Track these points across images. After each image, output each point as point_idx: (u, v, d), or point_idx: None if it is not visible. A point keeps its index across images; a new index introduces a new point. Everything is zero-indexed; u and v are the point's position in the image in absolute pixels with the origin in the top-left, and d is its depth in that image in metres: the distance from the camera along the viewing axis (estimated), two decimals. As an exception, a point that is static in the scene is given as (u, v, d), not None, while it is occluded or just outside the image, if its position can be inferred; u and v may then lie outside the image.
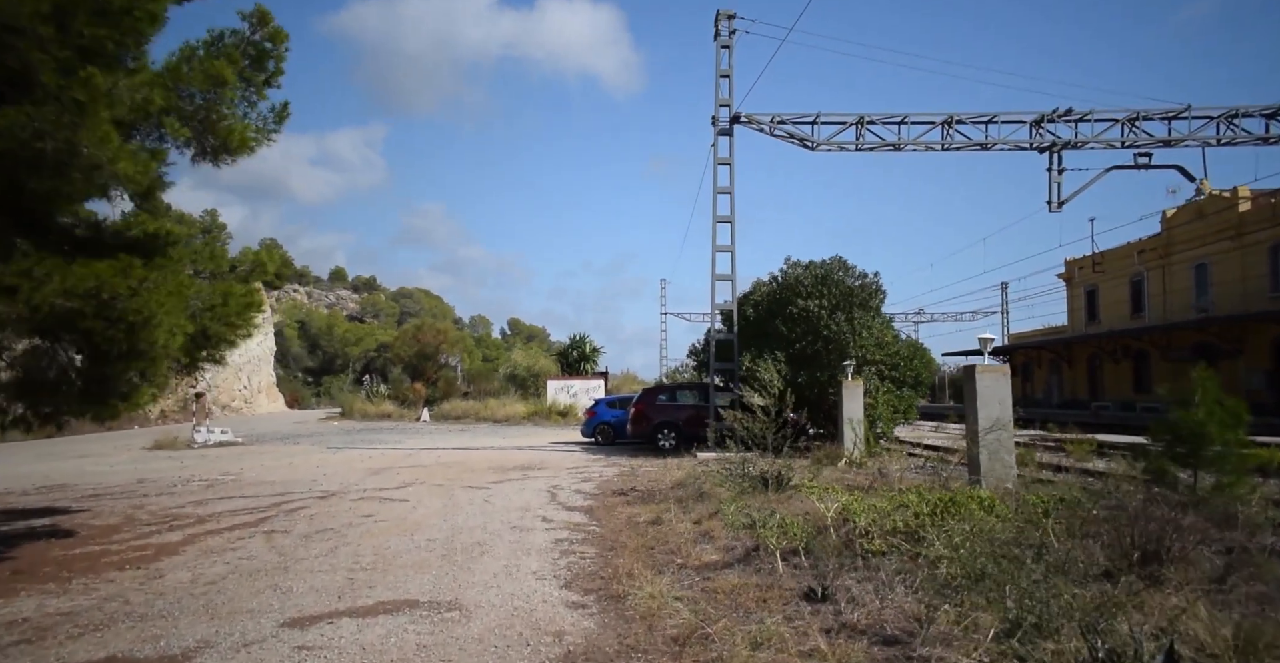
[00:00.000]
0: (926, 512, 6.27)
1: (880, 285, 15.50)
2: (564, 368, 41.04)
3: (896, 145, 17.22)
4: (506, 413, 34.95)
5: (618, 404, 21.51)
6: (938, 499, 6.39)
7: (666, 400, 18.73)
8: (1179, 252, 35.89)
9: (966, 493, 6.37)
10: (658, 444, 18.10)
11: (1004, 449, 8.78)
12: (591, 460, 16.36)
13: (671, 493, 10.19)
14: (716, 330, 17.60)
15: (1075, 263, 44.76)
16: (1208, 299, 33.97)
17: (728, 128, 17.57)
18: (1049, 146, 16.50)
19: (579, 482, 12.45)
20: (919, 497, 6.45)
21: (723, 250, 17.42)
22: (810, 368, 15.38)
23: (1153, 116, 16.05)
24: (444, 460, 16.44)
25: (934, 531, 6.00)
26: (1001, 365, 9.13)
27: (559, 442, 22.49)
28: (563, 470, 14.32)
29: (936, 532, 5.97)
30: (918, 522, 6.23)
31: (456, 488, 11.79)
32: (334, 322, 67.82)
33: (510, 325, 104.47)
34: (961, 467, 12.64)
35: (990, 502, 6.38)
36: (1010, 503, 6.79)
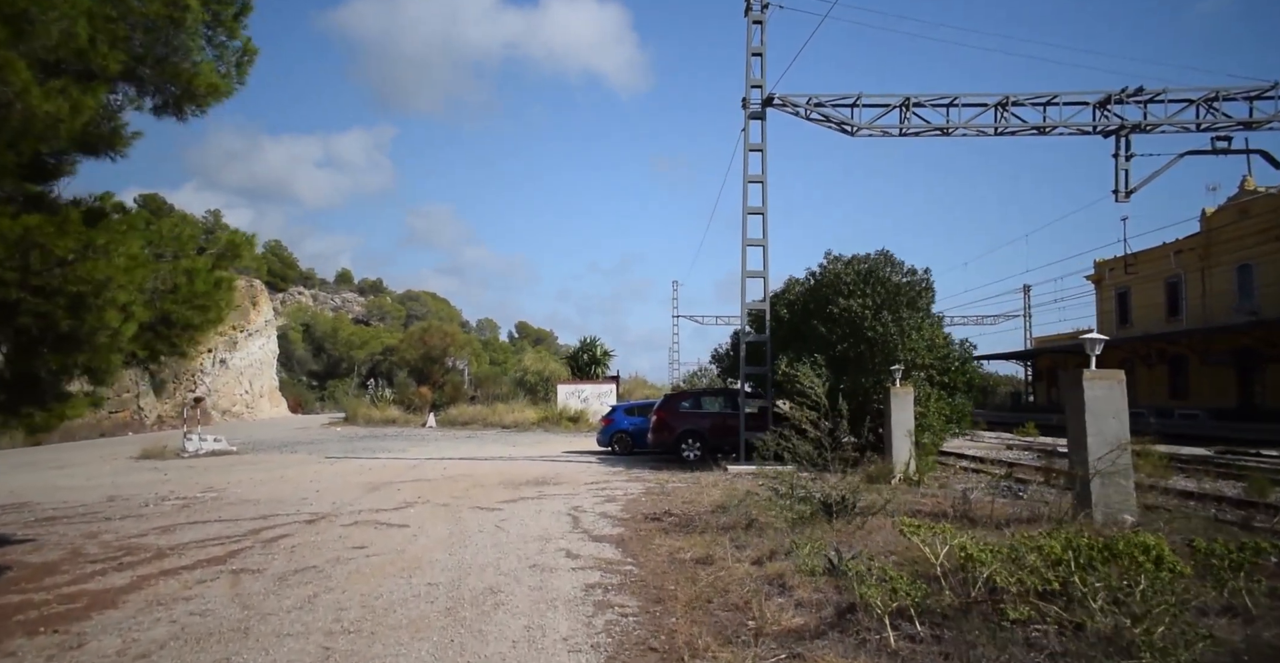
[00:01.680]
0: (1075, 561, 4.80)
1: (930, 282, 14.03)
2: (574, 372, 39.64)
3: (945, 129, 15.75)
4: (515, 419, 33.55)
5: (636, 411, 20.07)
6: (1087, 545, 4.91)
7: (691, 408, 17.28)
8: (1220, 252, 34.24)
9: (1127, 538, 4.89)
10: (681, 455, 16.65)
11: (1121, 473, 7.30)
12: (611, 474, 14.90)
13: (714, 520, 8.72)
14: (746, 332, 16.13)
15: (1105, 264, 43.13)
16: (1254, 302, 32.29)
17: (759, 111, 16.14)
18: (1115, 130, 15.00)
19: (602, 502, 11.00)
20: (1062, 540, 4.96)
21: (754, 244, 15.98)
22: (853, 373, 13.91)
23: (1234, 96, 14.54)
24: (450, 473, 15.02)
25: (1091, 588, 4.55)
26: (1116, 372, 7.65)
27: (573, 451, 21.04)
28: (581, 487, 12.88)
29: (1095, 591, 4.52)
30: (1062, 574, 4.76)
31: (464, 509, 10.36)
32: (339, 325, 66.63)
33: (518, 329, 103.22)
34: (1047, 488, 11.15)
35: (1158, 551, 4.88)
36: (1173, 549, 5.31)
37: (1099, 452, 7.32)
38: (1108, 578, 4.61)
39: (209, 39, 6.50)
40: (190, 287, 6.52)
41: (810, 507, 8.21)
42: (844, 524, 7.73)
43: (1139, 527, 6.70)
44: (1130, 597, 4.33)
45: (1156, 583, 4.47)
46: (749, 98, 16.08)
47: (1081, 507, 7.38)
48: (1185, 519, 7.25)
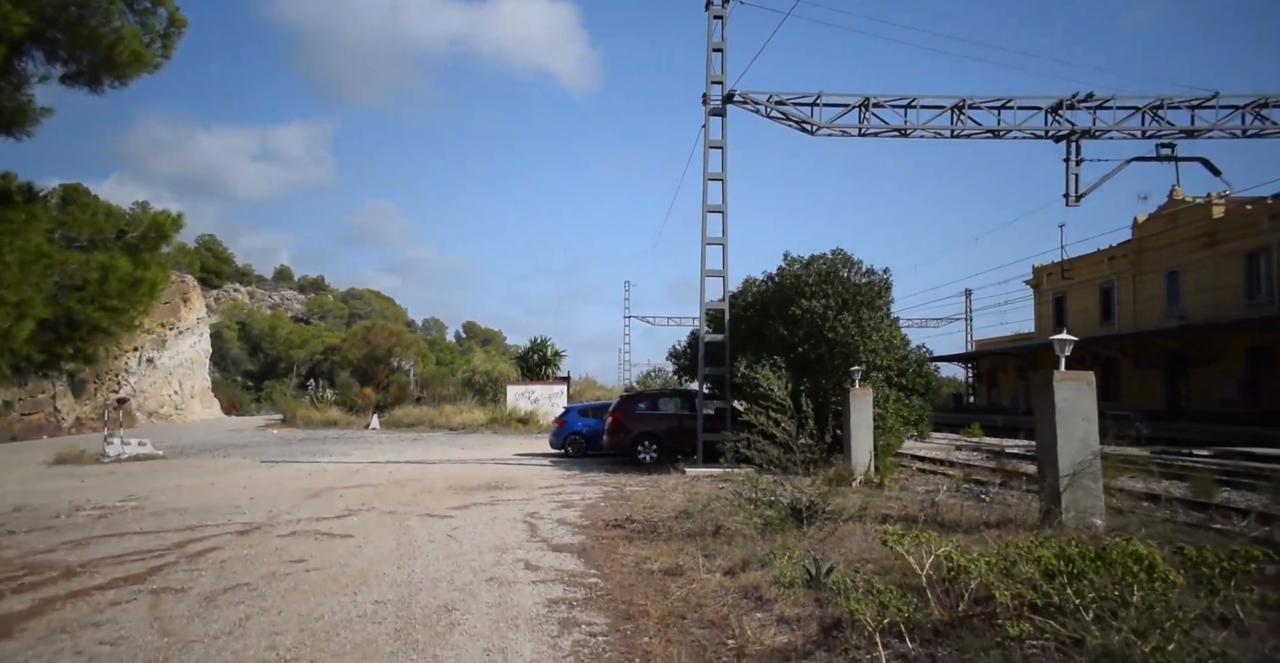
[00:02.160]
0: (1069, 572, 4.58)
1: (889, 282, 13.99)
2: (524, 373, 38.88)
3: (903, 130, 15.78)
4: (464, 420, 32.69)
5: (591, 412, 19.62)
6: (1080, 554, 4.70)
7: (647, 409, 16.92)
8: (1151, 259, 35.62)
9: (1119, 547, 4.70)
10: (637, 458, 16.27)
11: (1090, 476, 7.21)
12: (566, 478, 14.43)
13: (678, 526, 8.37)
14: (705, 332, 15.84)
15: (1043, 270, 44.50)
16: (1180, 307, 33.66)
17: (720, 107, 15.90)
18: (1066, 135, 15.25)
19: (559, 507, 10.54)
20: (1054, 549, 4.74)
21: (714, 243, 15.73)
22: (814, 375, 13.76)
23: (1177, 105, 14.93)
24: (397, 478, 14.33)
25: (1085, 600, 4.34)
26: (1085, 373, 7.57)
27: (524, 454, 20.47)
28: (536, 491, 12.38)
29: (1089, 603, 4.32)
30: (1056, 586, 4.54)
31: (412, 517, 9.77)
32: (278, 323, 64.16)
33: (466, 329, 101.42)
34: (1008, 490, 11.13)
35: (1150, 560, 4.70)
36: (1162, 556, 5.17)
37: (1069, 454, 7.23)
38: (1102, 589, 4.41)
39: (130, 4, 5.84)
40: (102, 285, 5.84)
41: (778, 512, 7.93)
42: (814, 530, 7.46)
43: (1114, 532, 6.60)
44: (1126, 609, 4.13)
45: (1150, 594, 4.29)
46: (709, 94, 15.83)
47: (1050, 510, 7.26)
48: (1151, 523, 7.20)
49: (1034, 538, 5.82)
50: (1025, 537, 6.53)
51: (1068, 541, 5.05)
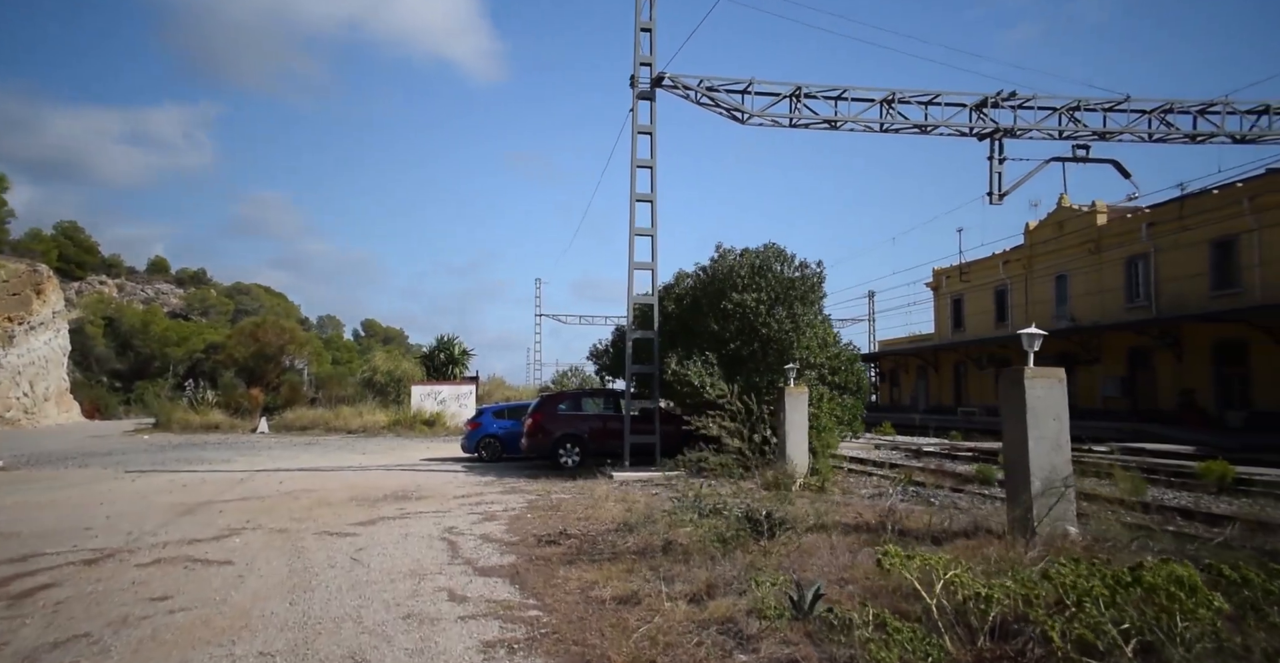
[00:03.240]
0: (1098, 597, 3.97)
1: (822, 276, 13.57)
2: (430, 372, 36.95)
3: (833, 123, 15.47)
4: (363, 423, 30.58)
5: (507, 414, 18.40)
6: (1112, 577, 4.10)
7: (569, 410, 15.90)
8: (1041, 263, 37.47)
9: (1155, 570, 4.13)
10: (559, 462, 15.24)
11: (1059, 479, 6.79)
12: (484, 485, 13.24)
13: (622, 541, 7.46)
14: (632, 327, 14.98)
15: (942, 272, 46.27)
16: (1068, 309, 35.54)
17: (649, 91, 15.10)
18: (990, 133, 15.36)
19: (481, 520, 9.41)
20: (1078, 571, 4.12)
21: (642, 234, 14.90)
22: (747, 372, 13.17)
23: (1093, 107, 15.30)
24: (289, 488, 12.74)
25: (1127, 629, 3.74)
26: (1056, 369, 7.19)
27: (433, 458, 19.01)
28: (452, 501, 11.17)
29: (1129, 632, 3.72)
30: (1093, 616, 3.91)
31: (308, 536, 8.43)
32: (151, 319, 58.74)
33: (365, 327, 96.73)
34: (959, 495, 10.82)
35: (1191, 582, 4.14)
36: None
37: (1041, 457, 6.79)
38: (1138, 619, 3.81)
39: None
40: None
41: (732, 523, 7.14)
42: (776, 544, 6.72)
43: (1101, 543, 6.16)
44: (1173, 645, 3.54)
45: (1197, 623, 3.73)
46: (638, 76, 15.01)
47: (1022, 518, 6.79)
48: (1125, 531, 6.87)
49: (1015, 552, 5.29)
50: (998, 549, 6.02)
51: (1071, 557, 4.48)
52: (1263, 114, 15.23)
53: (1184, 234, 28.68)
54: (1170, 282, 30.02)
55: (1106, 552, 5.54)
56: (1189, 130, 15.40)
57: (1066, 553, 5.65)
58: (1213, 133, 15.36)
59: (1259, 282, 26.51)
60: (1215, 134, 15.37)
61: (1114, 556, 5.48)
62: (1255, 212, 26.44)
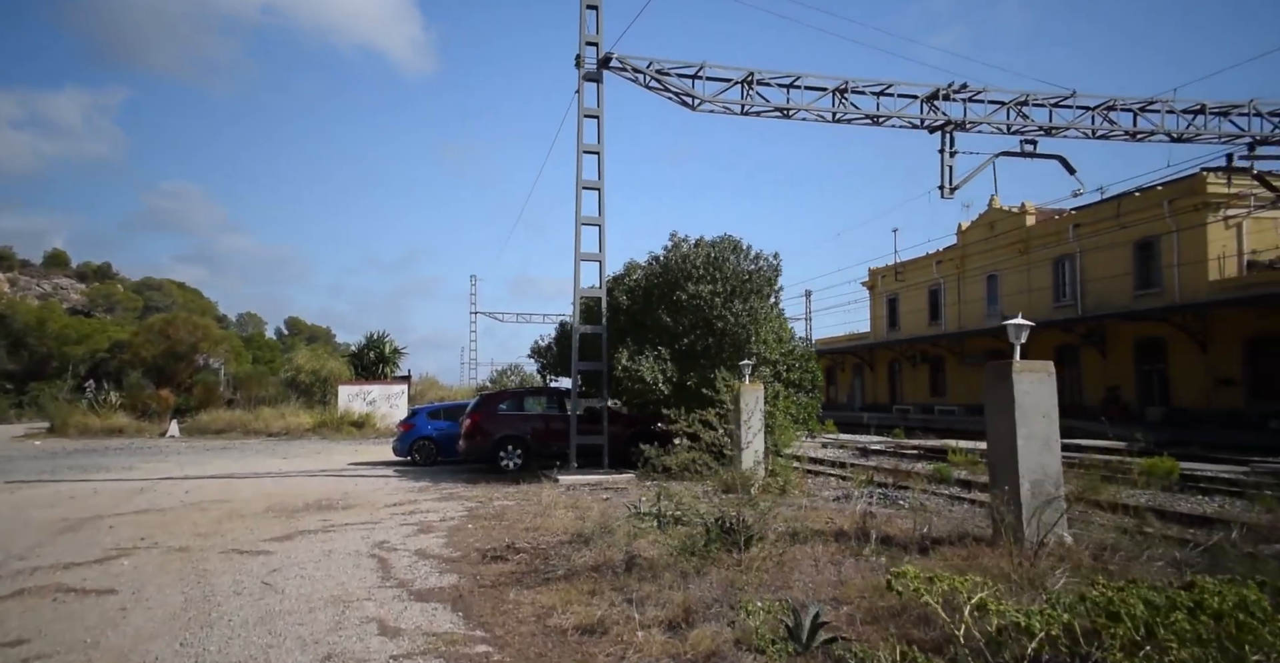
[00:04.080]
0: (1179, 630, 3.40)
1: (779, 268, 13.05)
2: (358, 371, 35.17)
3: (786, 111, 15.01)
4: (286, 425, 28.77)
5: (443, 414, 17.30)
6: (1167, 600, 3.54)
7: (510, 410, 14.96)
8: (973, 263, 38.31)
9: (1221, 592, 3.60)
10: (500, 465, 14.29)
11: (1050, 481, 6.35)
12: (418, 491, 12.21)
13: (577, 556, 6.66)
14: (579, 322, 14.15)
15: (878, 272, 46.96)
16: (998, 308, 36.40)
17: (595, 72, 14.31)
18: (941, 125, 15.18)
19: (416, 532, 8.46)
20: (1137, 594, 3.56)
21: (589, 223, 14.10)
22: (701, 368, 12.53)
23: (1041, 102, 15.29)
24: (196, 499, 11.43)
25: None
26: (1046, 363, 6.76)
27: (362, 462, 17.74)
28: (383, 511, 10.14)
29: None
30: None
31: (213, 556, 7.33)
32: (48, 315, 54.33)
33: (289, 325, 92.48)
34: (926, 496, 10.39)
35: (1261, 607, 3.60)
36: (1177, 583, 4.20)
37: (1031, 458, 6.33)
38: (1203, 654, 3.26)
39: None
40: None
41: (701, 533, 6.45)
42: (751, 556, 6.06)
43: (1101, 553, 5.70)
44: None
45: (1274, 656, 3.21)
46: (583, 56, 14.20)
47: (1011, 524, 6.30)
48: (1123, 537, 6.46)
49: (1014, 563, 4.76)
50: (996, 559, 5.51)
51: (1076, 567, 3.94)
52: (1198, 114, 15.54)
53: (1108, 235, 29.61)
54: (1095, 282, 30.98)
55: (1118, 562, 5.06)
56: (1130, 128, 15.57)
57: (1072, 563, 5.17)
58: (1152, 131, 15.58)
59: (1177, 282, 27.54)
60: (1155, 132, 15.60)
61: (1125, 566, 5.01)
62: (1174, 214, 27.45)
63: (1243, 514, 7.95)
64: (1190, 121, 15.60)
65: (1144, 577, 4.69)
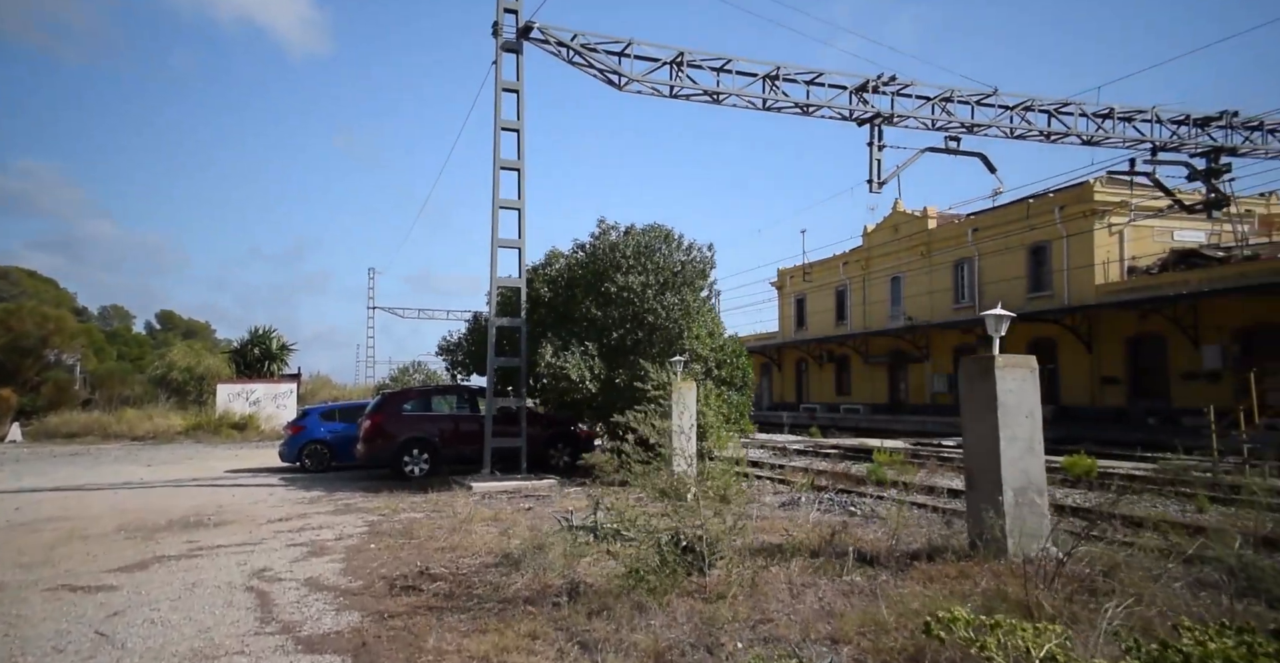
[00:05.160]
0: None
1: (712, 260, 12.31)
2: (241, 369, 32.25)
3: (716, 96, 14.33)
4: (154, 427, 25.87)
5: (338, 415, 15.63)
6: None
7: (416, 410, 13.55)
8: (877, 265, 39.26)
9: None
10: (404, 471, 12.89)
11: (1034, 488, 5.81)
12: (309, 502, 10.71)
13: (508, 582, 5.60)
14: (495, 315, 12.92)
15: (787, 272, 47.56)
16: (901, 309, 37.43)
17: (515, 42, 13.16)
18: (870, 119, 14.91)
19: (306, 555, 7.13)
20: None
21: (508, 207, 12.91)
22: (630, 365, 11.63)
23: (964, 98, 15.28)
24: (29, 516, 9.54)
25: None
26: (1028, 358, 6.21)
27: (243, 469, 15.81)
28: (265, 528, 8.68)
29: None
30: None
31: (34, 594, 5.80)
32: None
33: (162, 319, 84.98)
34: (880, 502, 9.85)
35: None
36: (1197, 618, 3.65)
37: (1014, 461, 5.76)
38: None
39: None
40: None
41: (654, 551, 5.54)
42: (716, 580, 5.20)
43: (1113, 572, 5.14)
44: None
45: None
46: (501, 23, 13.01)
47: (990, 534, 5.70)
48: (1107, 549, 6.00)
49: (1013, 584, 4.12)
50: (992, 580, 4.89)
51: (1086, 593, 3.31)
52: (1107, 118, 15.98)
53: (1004, 240, 30.84)
54: (992, 284, 32.17)
55: (1134, 582, 4.49)
56: (1045, 128, 15.82)
57: (1082, 585, 4.58)
58: (1065, 133, 15.90)
59: (1067, 285, 28.93)
60: (1067, 134, 15.93)
61: (1143, 587, 4.45)
62: (1064, 220, 28.81)
63: (1217, 519, 7.74)
64: (1099, 125, 16.00)
65: (1174, 601, 4.14)
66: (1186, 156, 16.50)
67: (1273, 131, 16.48)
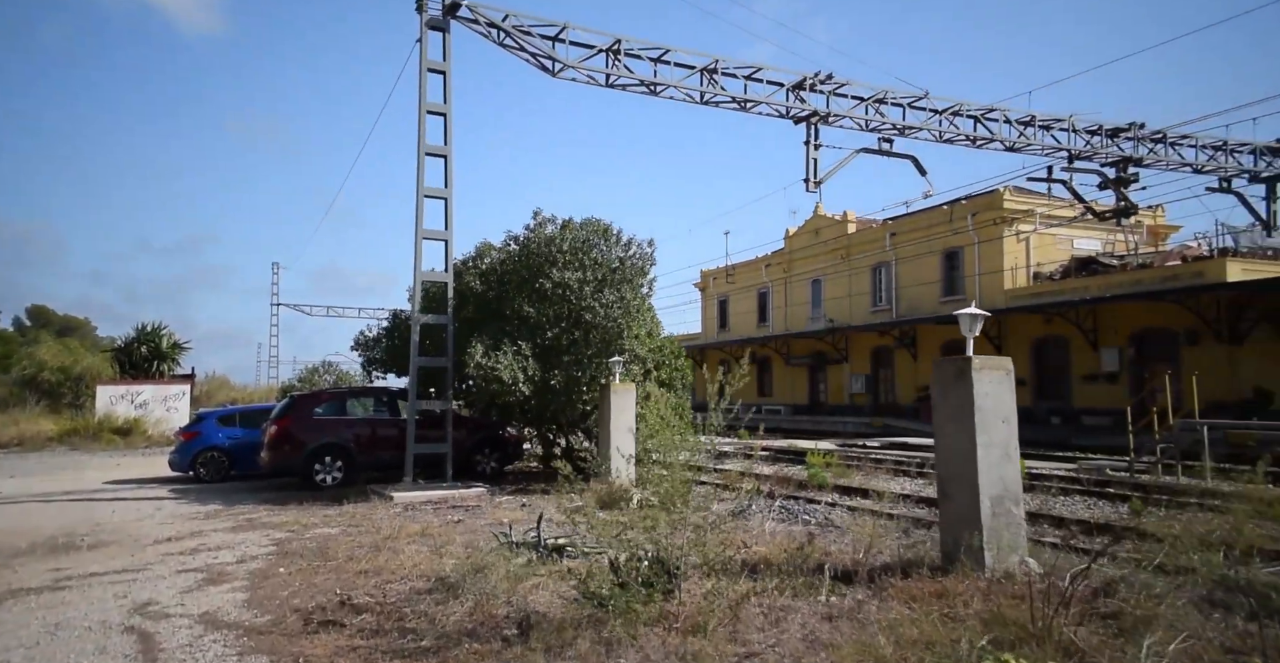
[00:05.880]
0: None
1: (653, 257, 11.78)
2: (126, 369, 29.56)
3: (653, 87, 13.85)
4: (19, 433, 23.28)
5: (238, 419, 14.24)
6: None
7: (330, 414, 12.43)
8: (799, 268, 39.85)
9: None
10: (315, 480, 11.79)
11: (1010, 497, 5.54)
12: (204, 518, 9.53)
13: (445, 614, 4.90)
14: (420, 312, 11.96)
15: (710, 274, 47.75)
16: (822, 312, 38.11)
17: (441, 19, 12.28)
18: (806, 117, 14.78)
19: (201, 583, 6.16)
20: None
21: (433, 196, 12.01)
22: (566, 366, 10.98)
23: (897, 100, 15.36)
24: None
25: None
26: (1003, 359, 5.94)
27: (125, 480, 14.20)
28: (152, 549, 7.57)
29: None
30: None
31: None
32: None
33: (33, 315, 77.74)
34: (832, 509, 9.53)
35: None
36: None
37: (991, 469, 5.46)
38: None
39: None
40: None
41: (608, 571, 4.94)
42: (684, 605, 4.66)
43: (1111, 589, 4.88)
44: None
45: None
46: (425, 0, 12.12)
47: (966, 546, 5.37)
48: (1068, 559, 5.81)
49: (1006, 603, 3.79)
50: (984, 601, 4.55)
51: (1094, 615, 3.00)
52: (1029, 125, 16.45)
53: (919, 245, 31.78)
54: (908, 288, 33.10)
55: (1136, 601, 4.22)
56: (971, 133, 16.12)
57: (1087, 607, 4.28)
58: (990, 138, 16.27)
59: (979, 290, 30.01)
60: (991, 140, 16.30)
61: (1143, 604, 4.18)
62: (976, 227, 29.89)
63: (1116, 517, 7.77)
64: (1021, 132, 16.44)
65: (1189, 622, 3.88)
66: (1098, 165, 17.18)
67: (1173, 144, 17.37)
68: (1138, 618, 3.75)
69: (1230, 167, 17.95)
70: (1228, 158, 17.93)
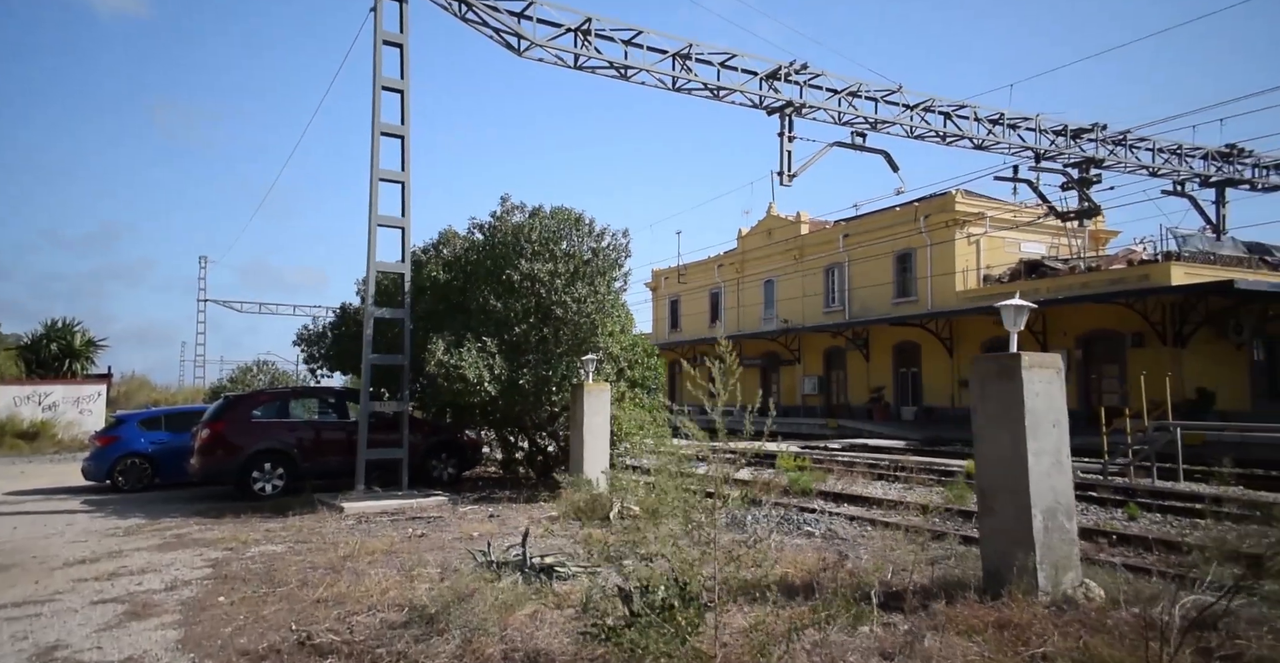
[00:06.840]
0: None
1: (628, 249, 11.05)
2: (34, 368, 27.26)
3: (624, 70, 13.15)
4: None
5: (163, 423, 12.89)
6: None
7: (270, 416, 11.28)
8: (752, 268, 39.68)
9: None
10: (253, 489, 10.65)
11: (1063, 510, 5.00)
12: (125, 534, 8.36)
13: (426, 651, 4.10)
14: (374, 305, 10.93)
15: (661, 274, 47.23)
16: (773, 312, 38.01)
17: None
18: (780, 108, 14.30)
19: (123, 617, 5.16)
20: None
21: (389, 179, 11.02)
22: (536, 363, 10.17)
23: (871, 94, 15.01)
24: None
25: None
26: (1054, 356, 5.37)
27: (31, 490, 12.68)
28: (59, 574, 6.47)
29: None
30: None
31: None
32: None
33: (-70, 309, 72.16)
34: (835, 518, 8.94)
35: None
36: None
37: (1042, 478, 4.90)
38: None
39: None
40: None
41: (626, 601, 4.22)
42: (713, 642, 3.98)
43: (1218, 623, 4.37)
44: None
45: None
46: (384, -35, 11.14)
47: (1006, 564, 4.83)
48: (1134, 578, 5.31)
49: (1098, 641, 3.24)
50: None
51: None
52: (997, 123, 16.36)
53: (872, 247, 31.91)
54: (861, 289, 33.19)
55: (1248, 638, 3.71)
56: (941, 129, 15.93)
57: (1200, 646, 3.75)
58: (959, 136, 16.12)
59: (930, 291, 30.26)
60: (961, 137, 16.16)
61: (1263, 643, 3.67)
62: (928, 229, 30.14)
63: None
64: (990, 130, 16.34)
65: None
66: (1062, 166, 17.25)
67: (1132, 147, 17.59)
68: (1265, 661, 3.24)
69: (1184, 171, 18.29)
70: (1181, 162, 18.27)
